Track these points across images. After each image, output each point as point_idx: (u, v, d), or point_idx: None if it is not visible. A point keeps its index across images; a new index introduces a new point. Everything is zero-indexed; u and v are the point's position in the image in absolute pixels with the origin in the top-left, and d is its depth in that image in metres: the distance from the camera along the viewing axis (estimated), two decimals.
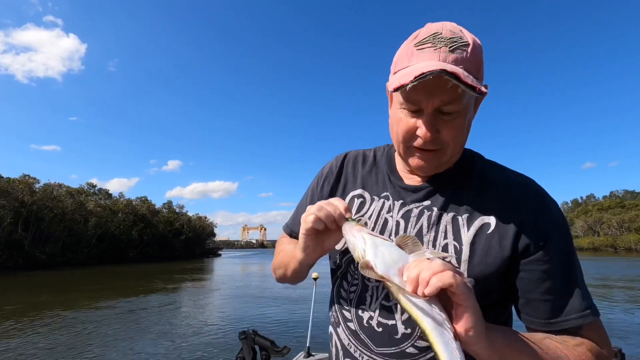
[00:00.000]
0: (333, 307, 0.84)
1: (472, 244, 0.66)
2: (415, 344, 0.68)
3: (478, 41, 0.66)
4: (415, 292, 0.48)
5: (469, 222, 0.68)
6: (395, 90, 0.63)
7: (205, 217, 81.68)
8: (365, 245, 0.54)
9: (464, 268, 0.66)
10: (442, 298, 0.51)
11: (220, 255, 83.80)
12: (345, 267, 0.81)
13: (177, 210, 72.81)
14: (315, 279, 3.55)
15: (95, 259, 43.58)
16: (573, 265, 0.67)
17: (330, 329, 0.84)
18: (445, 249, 0.68)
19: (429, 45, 0.63)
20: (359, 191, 0.82)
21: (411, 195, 0.75)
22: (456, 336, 0.47)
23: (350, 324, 0.76)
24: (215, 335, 7.47)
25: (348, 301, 0.78)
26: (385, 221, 0.75)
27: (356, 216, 0.65)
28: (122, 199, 57.21)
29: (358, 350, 0.74)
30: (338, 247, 0.82)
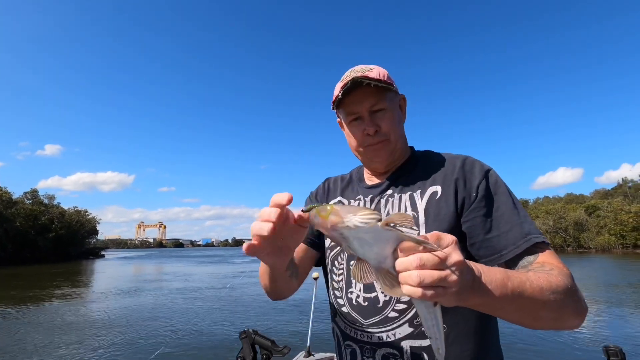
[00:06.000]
0: (330, 302, 1.00)
1: (426, 209, 0.86)
2: (395, 307, 0.83)
3: (382, 68, 0.94)
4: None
5: (422, 195, 0.89)
6: (334, 102, 0.94)
7: (86, 211, 68.20)
8: (350, 241, 0.50)
9: (422, 230, 0.83)
10: None
11: (103, 256, 71.26)
12: (332, 259, 0.99)
13: (46, 201, 58.91)
14: (315, 278, 3.39)
15: None
16: (507, 202, 0.81)
17: (332, 323, 1.00)
18: None
19: (347, 75, 0.93)
20: (338, 199, 1.07)
21: (376, 190, 0.98)
22: (435, 303, 0.51)
23: (344, 309, 0.92)
24: (217, 335, 7.42)
25: (339, 289, 0.95)
26: None
27: (309, 207, 0.54)
28: None
29: (353, 330, 0.89)
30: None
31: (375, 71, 0.91)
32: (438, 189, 0.88)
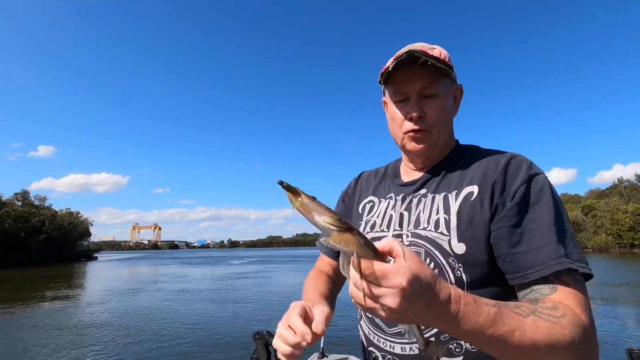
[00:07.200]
0: None
1: (459, 212, 0.76)
2: None
3: (445, 51, 0.85)
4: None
5: (457, 196, 0.79)
6: (382, 75, 0.84)
7: (78, 213, 67.08)
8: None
9: (454, 234, 0.75)
10: None
11: (96, 258, 69.88)
12: None
13: (37, 202, 57.77)
14: None
15: None
16: (547, 215, 0.68)
17: (358, 324, 0.96)
18: (437, 222, 0.78)
19: (404, 49, 0.82)
20: (369, 198, 1.00)
21: (409, 189, 0.90)
22: None
23: (368, 313, 0.83)
24: (229, 337, 7.47)
25: None
26: (390, 217, 0.89)
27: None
28: None
29: (376, 336, 0.84)
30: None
31: (437, 51, 0.82)
32: (474, 189, 0.77)
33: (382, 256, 0.52)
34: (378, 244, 0.52)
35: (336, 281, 1.02)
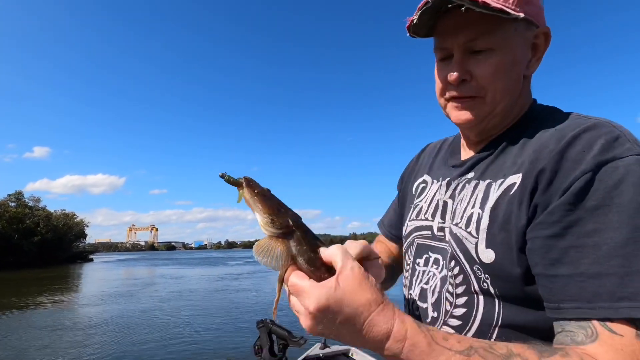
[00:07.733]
0: None
1: (494, 208, 0.58)
2: (441, 328, 0.65)
3: None
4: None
5: (501, 185, 0.60)
6: (408, 29, 0.64)
7: (74, 214, 66.18)
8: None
9: (483, 237, 0.58)
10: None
11: (92, 260, 69.10)
12: (405, 250, 0.83)
13: (31, 204, 56.82)
14: None
15: None
16: (618, 229, 0.45)
17: None
18: (469, 219, 0.62)
19: None
20: (424, 177, 0.85)
21: (457, 171, 0.72)
22: None
23: (403, 307, 0.79)
24: (234, 325, 7.82)
25: (405, 285, 0.82)
26: (437, 204, 0.74)
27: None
28: None
29: None
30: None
31: None
32: (518, 178, 0.56)
33: (325, 267, 0.47)
34: (323, 252, 0.47)
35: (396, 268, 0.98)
